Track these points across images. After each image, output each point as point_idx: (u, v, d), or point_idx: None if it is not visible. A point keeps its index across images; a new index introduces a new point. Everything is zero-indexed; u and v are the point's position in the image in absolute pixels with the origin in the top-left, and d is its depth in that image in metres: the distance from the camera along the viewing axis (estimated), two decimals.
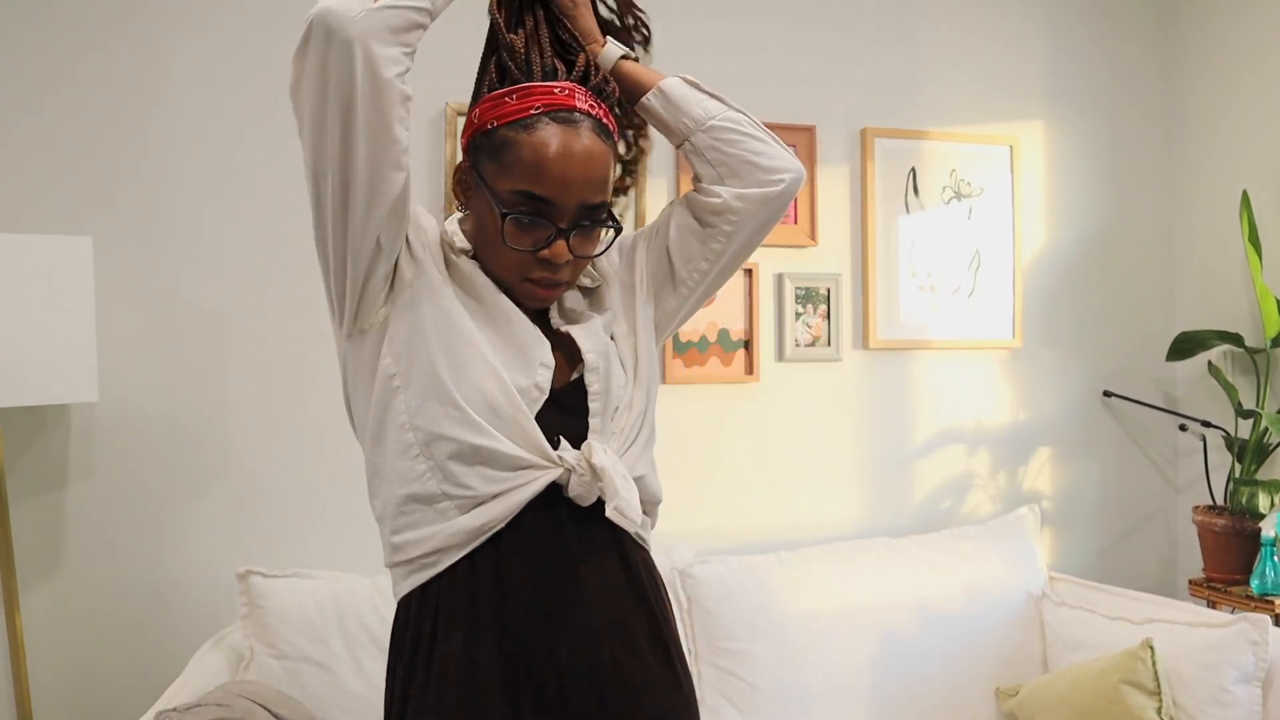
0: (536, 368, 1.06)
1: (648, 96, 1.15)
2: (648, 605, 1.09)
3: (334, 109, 0.94)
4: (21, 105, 1.99)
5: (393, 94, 0.95)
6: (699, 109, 1.15)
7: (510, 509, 1.02)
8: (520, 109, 1.03)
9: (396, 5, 0.95)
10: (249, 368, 2.12)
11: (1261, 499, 2.38)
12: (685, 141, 1.16)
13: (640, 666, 1.06)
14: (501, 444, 1.01)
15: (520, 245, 1.04)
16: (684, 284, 1.20)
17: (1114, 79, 2.87)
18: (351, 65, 0.92)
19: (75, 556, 2.02)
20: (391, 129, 0.96)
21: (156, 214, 2.08)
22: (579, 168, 1.02)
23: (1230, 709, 1.91)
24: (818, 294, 2.53)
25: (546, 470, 1.03)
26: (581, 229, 1.06)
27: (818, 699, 2.11)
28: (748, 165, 1.15)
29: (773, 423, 2.50)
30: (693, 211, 1.18)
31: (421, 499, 1.03)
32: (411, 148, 1.34)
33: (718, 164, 1.15)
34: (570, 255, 1.05)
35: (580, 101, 1.05)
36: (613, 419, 1.10)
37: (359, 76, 0.92)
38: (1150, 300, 2.91)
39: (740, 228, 1.16)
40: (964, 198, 2.68)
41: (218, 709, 1.49)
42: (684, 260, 1.19)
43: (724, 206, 1.15)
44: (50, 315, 1.80)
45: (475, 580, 1.02)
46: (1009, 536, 2.46)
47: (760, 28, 2.49)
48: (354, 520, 2.16)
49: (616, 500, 1.01)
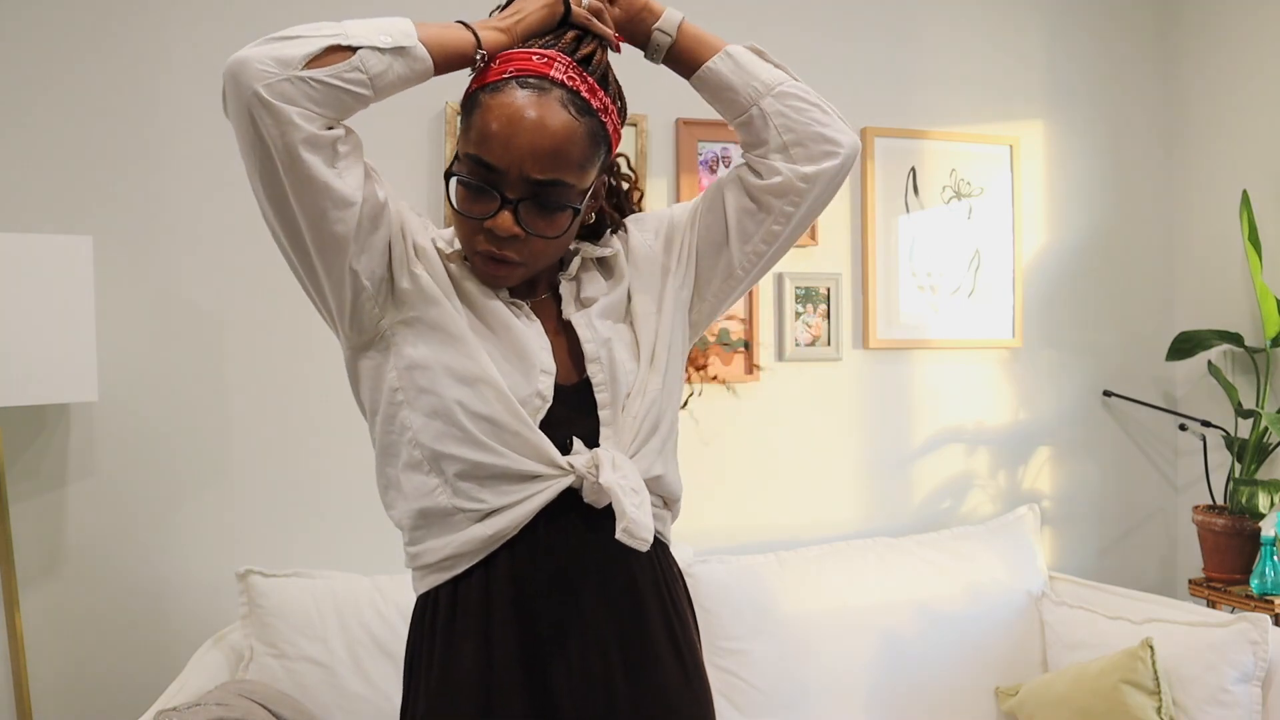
0: (537, 375, 1.03)
1: (715, 59, 1.10)
2: (664, 608, 1.07)
3: (253, 161, 0.92)
4: (22, 104, 1.99)
5: (303, 146, 0.91)
6: (768, 74, 1.11)
7: (521, 518, 1.00)
8: (497, 72, 1.00)
9: (311, 75, 0.90)
10: (249, 367, 2.12)
11: (1261, 499, 2.38)
12: (753, 107, 1.09)
13: (655, 671, 1.04)
14: (508, 459, 0.99)
15: (466, 213, 1.01)
16: (738, 268, 1.14)
17: (1114, 79, 2.87)
18: (254, 116, 0.89)
19: (75, 556, 2.02)
20: (315, 178, 0.92)
21: (156, 214, 2.07)
22: (526, 135, 0.96)
23: (1230, 709, 1.91)
24: (818, 294, 2.53)
25: (557, 479, 1.01)
26: (535, 205, 0.99)
27: (818, 699, 2.11)
28: (815, 136, 1.09)
29: (773, 422, 2.50)
30: (749, 194, 1.12)
31: (435, 513, 1.02)
32: (411, 148, 1.34)
33: (784, 131, 1.09)
34: (518, 230, 0.99)
35: (558, 72, 0.99)
36: (624, 408, 1.06)
37: (265, 129, 0.89)
38: (1150, 300, 2.91)
39: (800, 207, 1.11)
40: (964, 197, 2.68)
41: (218, 709, 1.49)
42: (741, 244, 1.13)
43: (787, 186, 1.09)
44: (50, 315, 1.79)
45: (490, 584, 1.01)
46: (1009, 536, 2.46)
47: (760, 28, 2.49)
48: (354, 520, 2.16)
49: (624, 522, 0.97)
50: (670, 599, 1.09)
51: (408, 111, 2.19)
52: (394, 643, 1.89)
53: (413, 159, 2.20)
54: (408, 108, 2.18)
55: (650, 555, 1.06)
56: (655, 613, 1.06)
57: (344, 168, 0.95)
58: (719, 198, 1.14)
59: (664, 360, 1.09)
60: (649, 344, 1.09)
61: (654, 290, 1.13)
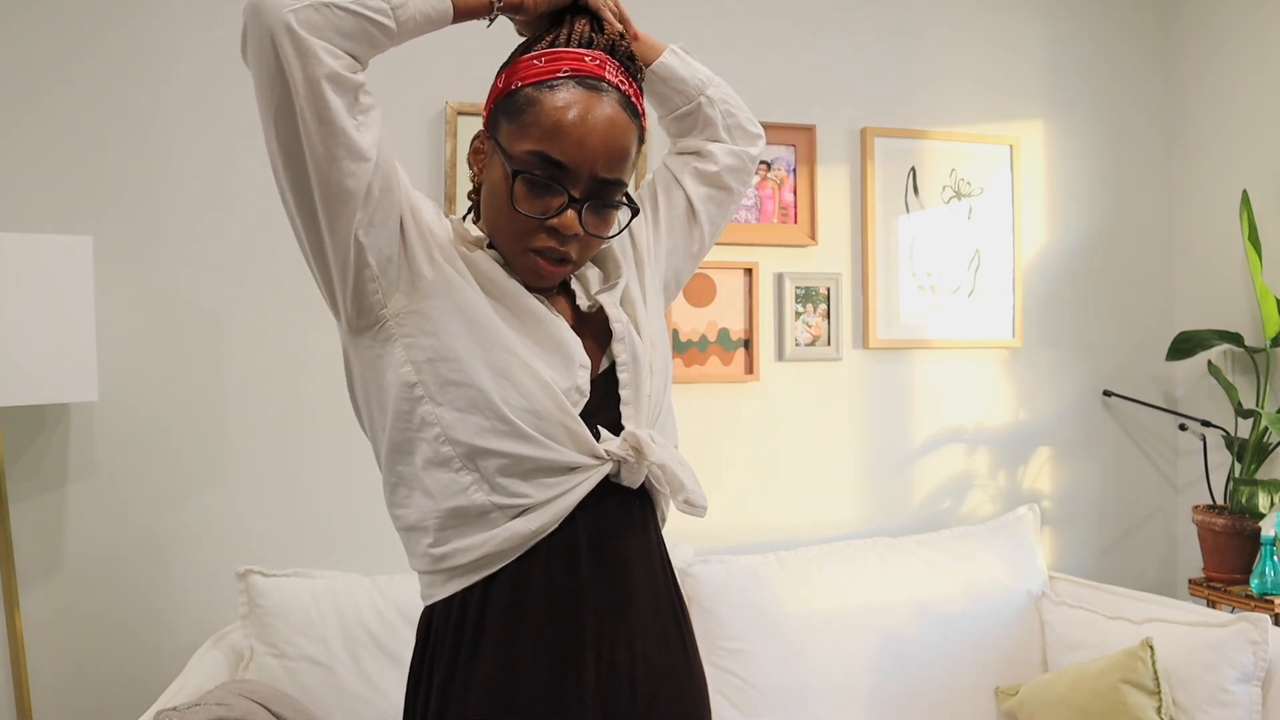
0: (575, 369, 1.02)
1: (665, 55, 1.18)
2: (671, 590, 1.10)
3: (270, 101, 0.90)
4: (22, 104, 1.99)
5: (328, 82, 0.89)
6: (703, 68, 1.23)
7: (563, 510, 0.99)
8: (548, 70, 0.99)
9: (336, 2, 0.89)
10: (248, 367, 2.12)
11: (1261, 499, 2.38)
12: (701, 95, 1.20)
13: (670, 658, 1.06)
14: (553, 451, 0.98)
15: (530, 210, 0.99)
16: (703, 250, 1.26)
17: (1114, 79, 2.87)
18: (278, 51, 0.87)
19: (75, 556, 2.02)
20: (334, 119, 0.90)
21: (156, 214, 2.08)
22: (599, 135, 0.98)
23: (1230, 709, 1.90)
24: (818, 293, 2.53)
25: (596, 468, 1.01)
26: (596, 205, 1.01)
27: (817, 699, 2.11)
28: (747, 119, 1.25)
29: (773, 422, 2.50)
30: (706, 182, 1.23)
31: (469, 511, 0.98)
32: (411, 148, 1.34)
33: (727, 115, 1.23)
34: (580, 230, 1.00)
35: (610, 74, 1.02)
36: (640, 387, 1.07)
37: (288, 63, 0.87)
38: (1150, 300, 2.91)
39: (748, 184, 1.26)
40: (964, 197, 2.68)
41: (218, 708, 1.49)
42: (711, 226, 1.24)
43: (740, 164, 1.24)
44: (50, 315, 1.80)
45: (524, 581, 0.98)
46: (1009, 536, 2.46)
47: (760, 28, 2.49)
48: (354, 520, 2.17)
49: (683, 494, 1.03)
50: (671, 574, 1.12)
51: (408, 111, 2.19)
52: (394, 643, 1.89)
53: (413, 159, 2.20)
54: (408, 107, 2.19)
55: (656, 533, 1.10)
56: (666, 595, 1.08)
57: (364, 122, 0.93)
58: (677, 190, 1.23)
59: (659, 339, 1.13)
60: (646, 327, 1.11)
61: (637, 279, 1.16)
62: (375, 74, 0.98)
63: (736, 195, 1.25)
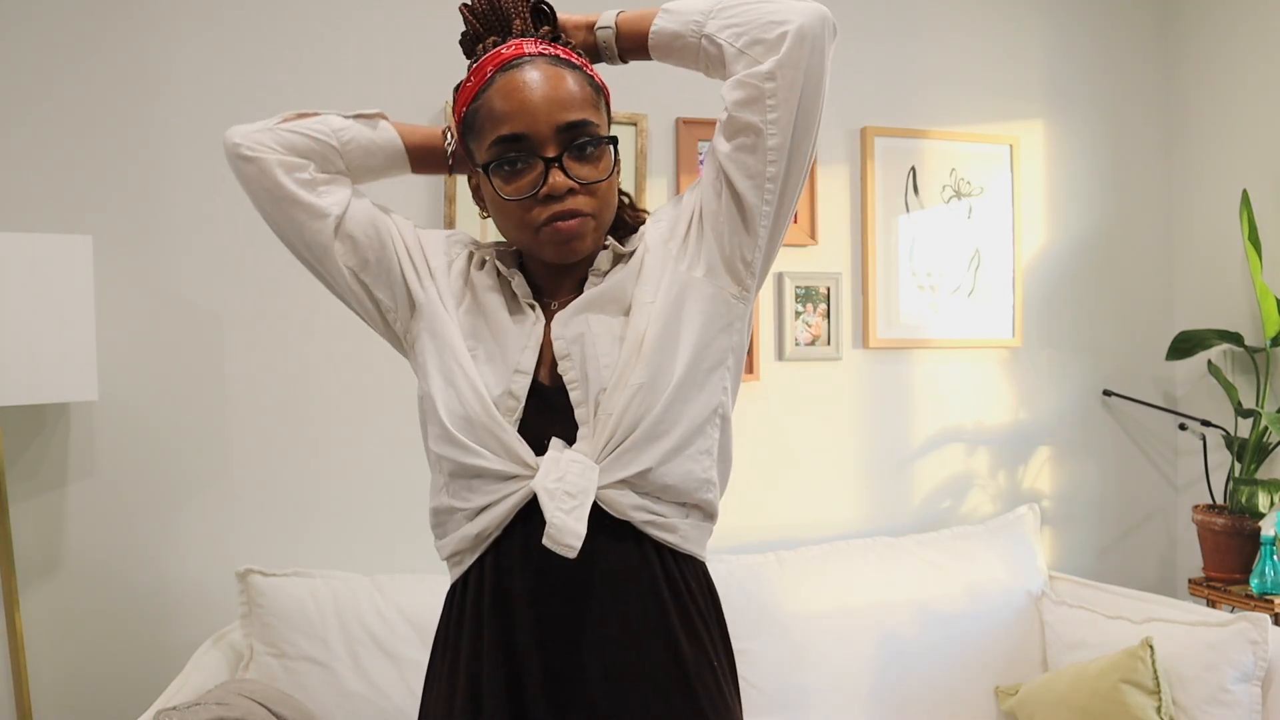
0: (511, 375, 1.04)
1: (655, 22, 1.10)
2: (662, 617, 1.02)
3: (254, 202, 1.11)
4: (21, 104, 1.99)
5: (280, 169, 1.07)
6: (701, 4, 1.09)
7: (501, 517, 1.01)
8: (478, 80, 1.04)
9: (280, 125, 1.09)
10: (248, 367, 2.12)
11: (1261, 498, 2.38)
12: (701, 38, 1.07)
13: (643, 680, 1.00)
14: (483, 459, 1.01)
15: (516, 193, 1.02)
16: (759, 207, 1.06)
17: (1114, 79, 2.87)
18: (239, 166, 1.09)
19: (75, 556, 2.02)
20: (286, 194, 1.08)
21: (156, 213, 2.08)
22: (536, 91, 1.01)
23: (1230, 708, 1.91)
24: (818, 293, 2.53)
25: (530, 478, 0.99)
26: (574, 153, 1.02)
27: (818, 698, 2.11)
28: (763, 24, 1.03)
29: (772, 422, 2.50)
30: (729, 133, 1.05)
31: (441, 510, 1.08)
32: None
33: (735, 39, 1.04)
34: (571, 182, 1.01)
35: (529, 48, 1.04)
36: (599, 405, 1.01)
37: (245, 170, 1.08)
38: (1150, 300, 2.91)
39: (779, 107, 1.03)
40: (964, 197, 2.68)
41: (217, 708, 1.49)
42: (748, 180, 1.05)
43: (749, 95, 1.03)
44: (50, 314, 1.79)
45: (483, 582, 1.03)
46: (1009, 536, 2.46)
47: None
48: (354, 520, 2.17)
49: (548, 526, 0.94)
50: (677, 608, 1.03)
51: (407, 111, 2.18)
52: (394, 642, 1.89)
53: None
54: (408, 107, 2.18)
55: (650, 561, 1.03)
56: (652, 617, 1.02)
57: (324, 191, 1.09)
58: (710, 160, 1.10)
59: (654, 349, 1.02)
60: (638, 334, 1.03)
61: (655, 279, 1.08)
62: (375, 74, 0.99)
63: (765, 130, 1.03)
